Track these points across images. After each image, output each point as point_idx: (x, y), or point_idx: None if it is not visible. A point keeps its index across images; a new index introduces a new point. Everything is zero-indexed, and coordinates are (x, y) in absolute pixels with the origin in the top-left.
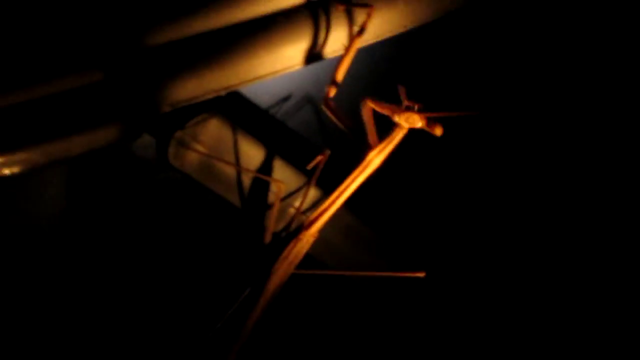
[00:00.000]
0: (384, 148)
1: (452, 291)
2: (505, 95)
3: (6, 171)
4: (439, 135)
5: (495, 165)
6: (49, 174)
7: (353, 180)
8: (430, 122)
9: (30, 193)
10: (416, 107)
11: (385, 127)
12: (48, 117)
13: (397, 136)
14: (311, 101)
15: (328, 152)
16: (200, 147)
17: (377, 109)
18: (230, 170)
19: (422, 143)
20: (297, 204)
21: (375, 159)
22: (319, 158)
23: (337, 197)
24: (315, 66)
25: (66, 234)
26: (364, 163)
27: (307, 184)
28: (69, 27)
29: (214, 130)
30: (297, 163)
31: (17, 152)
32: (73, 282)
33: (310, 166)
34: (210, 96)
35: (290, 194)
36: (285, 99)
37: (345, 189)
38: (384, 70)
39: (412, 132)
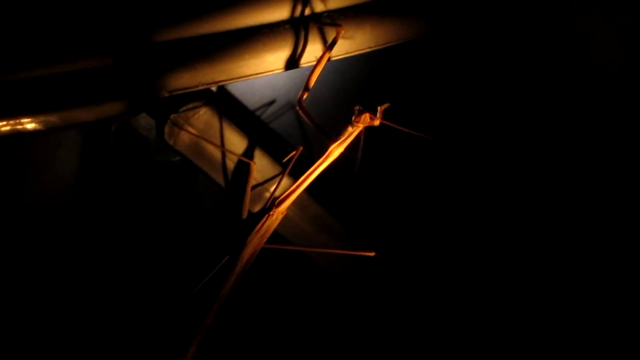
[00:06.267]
0: (343, 141)
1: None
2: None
3: (29, 127)
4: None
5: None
6: (66, 140)
7: (317, 167)
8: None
9: (47, 154)
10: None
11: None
12: (67, 89)
13: (353, 133)
14: (292, 107)
15: (301, 148)
16: (191, 129)
17: None
18: (215, 152)
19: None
20: (272, 189)
21: (335, 150)
22: (293, 153)
23: (304, 180)
24: (298, 78)
25: (77, 195)
26: (326, 153)
27: (282, 174)
28: (91, 20)
29: (204, 117)
30: (275, 156)
31: (41, 115)
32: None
33: (285, 159)
34: (202, 88)
35: (267, 181)
36: (270, 103)
37: (310, 174)
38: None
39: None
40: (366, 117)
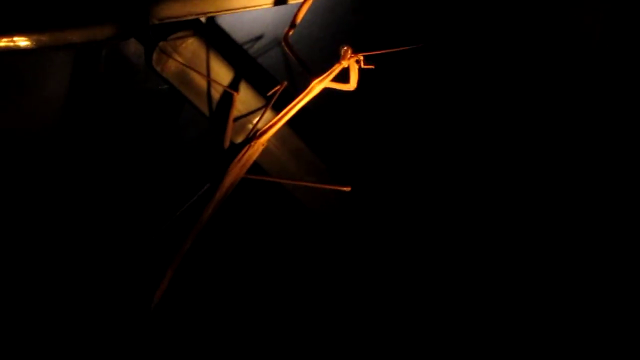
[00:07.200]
0: (324, 78)
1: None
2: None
3: (22, 44)
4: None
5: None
6: (57, 64)
7: (298, 102)
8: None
9: (38, 76)
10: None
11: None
12: (60, 10)
13: (335, 70)
14: (280, 44)
15: (285, 84)
16: (178, 57)
17: None
18: (201, 82)
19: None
20: (254, 121)
21: (317, 86)
22: (278, 87)
23: (285, 114)
24: (287, 15)
25: (66, 118)
26: (308, 89)
27: (265, 107)
28: None
29: (192, 47)
30: (260, 90)
31: (33, 33)
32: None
33: (269, 93)
34: (191, 17)
35: (250, 113)
36: (258, 38)
37: (291, 108)
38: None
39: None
40: (349, 53)
